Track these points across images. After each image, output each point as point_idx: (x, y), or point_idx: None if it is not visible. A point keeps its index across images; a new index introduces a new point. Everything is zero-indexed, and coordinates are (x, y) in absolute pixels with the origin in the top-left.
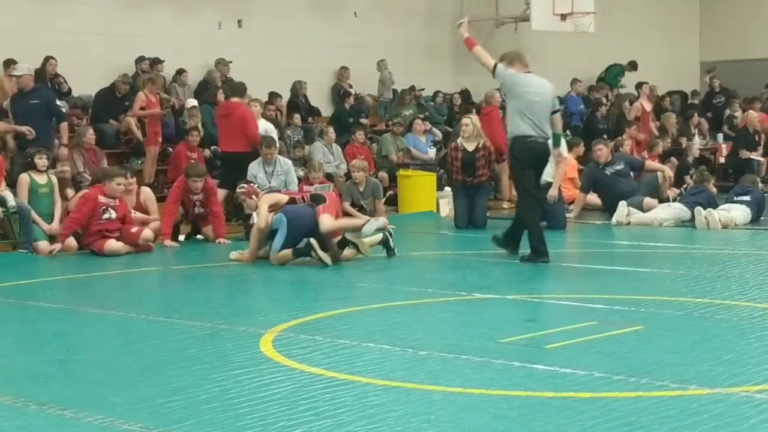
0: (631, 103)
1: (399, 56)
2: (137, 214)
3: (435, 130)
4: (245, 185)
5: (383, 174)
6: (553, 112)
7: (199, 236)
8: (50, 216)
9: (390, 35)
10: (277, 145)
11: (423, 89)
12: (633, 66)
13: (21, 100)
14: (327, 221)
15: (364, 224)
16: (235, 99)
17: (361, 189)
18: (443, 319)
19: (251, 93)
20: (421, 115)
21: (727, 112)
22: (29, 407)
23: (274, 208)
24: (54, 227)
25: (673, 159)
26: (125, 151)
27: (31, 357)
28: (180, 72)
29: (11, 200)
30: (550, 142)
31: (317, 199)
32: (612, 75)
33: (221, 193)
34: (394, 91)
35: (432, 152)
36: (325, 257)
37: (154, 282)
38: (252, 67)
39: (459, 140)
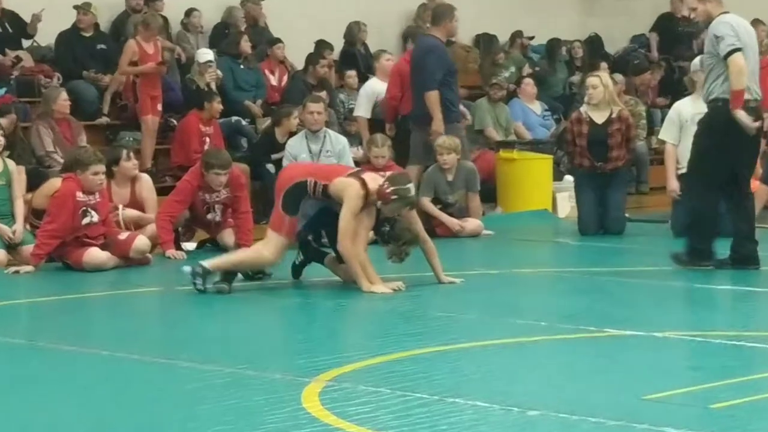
0: None
1: None
2: (130, 212)
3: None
4: None
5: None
6: None
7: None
8: (8, 216)
9: None
10: (327, 109)
11: (533, 37)
12: None
13: None
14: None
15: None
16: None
17: (450, 178)
18: (563, 365)
19: (288, 43)
20: (530, 71)
21: None
22: None
23: None
24: (18, 233)
25: None
26: (113, 123)
27: None
28: (189, 13)
29: None
30: None
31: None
32: None
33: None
34: (491, 36)
35: (550, 127)
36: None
37: (152, 308)
38: (292, 6)
39: (583, 108)
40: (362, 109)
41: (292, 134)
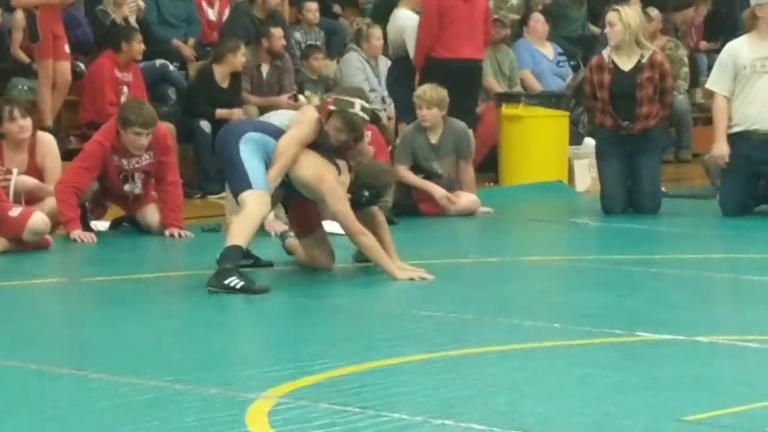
0: None
1: None
2: (25, 180)
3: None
4: None
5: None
6: None
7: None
8: None
9: None
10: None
11: None
12: None
13: None
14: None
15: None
16: None
17: (434, 140)
18: (582, 378)
19: None
20: (540, 6)
21: None
22: None
23: None
24: None
25: None
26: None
27: None
28: None
29: None
30: None
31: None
32: None
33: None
34: None
35: (565, 76)
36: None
37: (52, 305)
38: None
39: (606, 52)
40: None
41: (234, 76)
